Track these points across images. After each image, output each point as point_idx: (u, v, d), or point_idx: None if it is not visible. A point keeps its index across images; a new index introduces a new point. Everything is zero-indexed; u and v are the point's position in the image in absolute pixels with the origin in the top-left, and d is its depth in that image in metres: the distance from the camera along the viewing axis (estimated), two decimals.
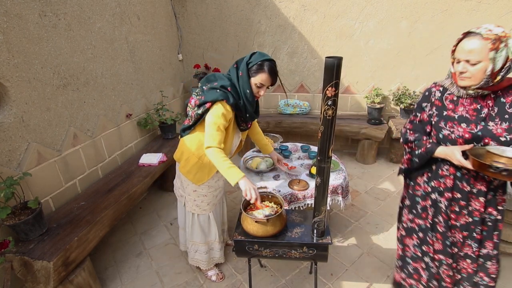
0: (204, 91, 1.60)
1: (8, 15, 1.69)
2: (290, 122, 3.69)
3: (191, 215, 1.85)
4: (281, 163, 2.12)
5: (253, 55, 1.57)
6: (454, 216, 1.40)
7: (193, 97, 1.66)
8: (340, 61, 1.13)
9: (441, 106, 1.38)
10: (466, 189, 1.33)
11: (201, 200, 1.79)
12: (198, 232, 1.88)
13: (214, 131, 1.52)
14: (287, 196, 1.93)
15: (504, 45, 1.15)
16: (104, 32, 2.47)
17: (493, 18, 3.01)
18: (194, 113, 1.63)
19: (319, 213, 1.48)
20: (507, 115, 1.23)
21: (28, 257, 1.57)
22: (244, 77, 1.56)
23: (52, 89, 2.00)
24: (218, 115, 1.52)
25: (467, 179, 1.32)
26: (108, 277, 2.11)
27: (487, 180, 1.30)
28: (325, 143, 1.31)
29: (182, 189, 1.86)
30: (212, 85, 1.58)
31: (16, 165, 1.79)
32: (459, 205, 1.37)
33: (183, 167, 1.72)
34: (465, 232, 1.39)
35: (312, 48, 3.61)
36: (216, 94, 1.54)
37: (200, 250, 1.94)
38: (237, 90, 1.60)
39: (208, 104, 1.55)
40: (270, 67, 1.54)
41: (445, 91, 1.38)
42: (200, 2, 3.69)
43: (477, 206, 1.34)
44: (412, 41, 3.30)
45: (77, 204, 2.06)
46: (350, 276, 2.02)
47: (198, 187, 1.75)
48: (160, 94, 3.36)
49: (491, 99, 1.27)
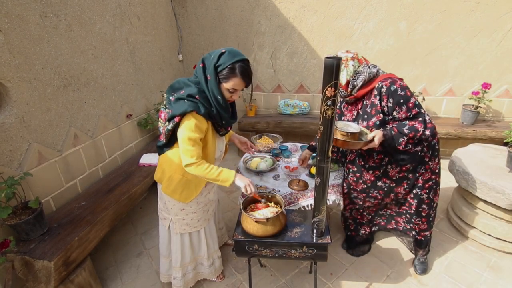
0: (171, 103, 1.41)
1: (9, 16, 1.70)
2: (290, 122, 3.70)
3: (180, 237, 1.69)
4: (247, 145, 1.90)
5: (221, 56, 1.34)
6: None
7: (162, 111, 1.48)
8: (339, 62, 1.14)
9: (340, 113, 1.93)
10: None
11: (191, 218, 1.65)
12: (189, 253, 1.75)
13: (189, 146, 1.39)
14: (286, 196, 1.93)
15: (344, 66, 1.66)
16: (104, 33, 2.48)
17: (492, 18, 3.02)
18: (165, 129, 1.45)
19: (319, 213, 1.48)
20: (366, 115, 1.73)
21: (29, 257, 1.57)
22: (212, 82, 1.36)
23: (52, 89, 2.01)
24: (190, 129, 1.37)
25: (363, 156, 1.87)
26: (109, 276, 2.12)
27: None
28: (325, 143, 1.32)
29: (166, 211, 1.68)
30: (179, 95, 1.39)
31: (17, 165, 1.80)
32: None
33: (167, 187, 1.56)
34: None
35: (312, 48, 3.62)
36: (184, 105, 1.35)
37: (188, 270, 1.82)
38: (206, 97, 1.41)
39: (177, 118, 1.37)
40: (243, 70, 1.35)
41: (343, 101, 1.91)
42: (200, 2, 3.70)
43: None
44: (411, 42, 3.31)
45: (78, 204, 2.07)
46: (350, 275, 2.03)
47: (186, 205, 1.61)
48: (160, 95, 3.37)
49: (360, 103, 1.77)
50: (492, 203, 2.03)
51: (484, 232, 2.19)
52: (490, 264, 2.08)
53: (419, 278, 1.98)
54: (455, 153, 2.47)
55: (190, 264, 1.80)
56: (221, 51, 1.35)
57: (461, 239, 2.32)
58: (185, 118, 1.38)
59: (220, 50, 1.36)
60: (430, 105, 3.57)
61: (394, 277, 2.00)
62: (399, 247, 2.26)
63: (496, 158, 2.31)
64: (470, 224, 2.28)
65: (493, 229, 2.13)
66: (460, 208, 2.37)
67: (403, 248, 2.24)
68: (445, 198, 2.87)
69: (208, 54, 1.41)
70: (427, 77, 3.43)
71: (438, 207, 2.73)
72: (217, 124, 1.51)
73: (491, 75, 3.26)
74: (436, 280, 1.96)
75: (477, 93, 3.19)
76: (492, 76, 3.26)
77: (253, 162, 2.24)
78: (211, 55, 1.39)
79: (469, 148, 2.54)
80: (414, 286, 1.93)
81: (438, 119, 3.54)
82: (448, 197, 2.88)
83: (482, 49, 3.18)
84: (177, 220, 1.65)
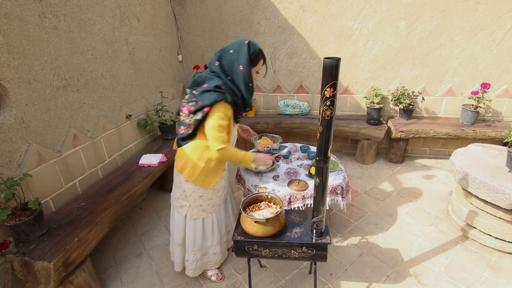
0: (196, 96, 1.58)
1: (9, 17, 1.70)
2: (290, 122, 3.70)
3: (193, 223, 1.82)
4: (249, 132, 2.16)
5: (249, 47, 1.57)
6: None
7: (184, 105, 1.64)
8: (338, 62, 1.14)
9: None
10: None
11: (207, 204, 1.80)
12: (200, 238, 1.86)
13: (219, 133, 1.56)
14: (286, 197, 1.93)
15: None
16: (104, 34, 2.48)
17: (492, 18, 3.02)
18: (192, 120, 1.60)
19: (318, 213, 1.48)
20: None
21: (29, 258, 1.57)
22: (246, 70, 1.57)
23: (52, 90, 2.01)
24: (220, 117, 1.55)
25: None
26: (108, 277, 2.12)
27: None
28: (324, 143, 1.32)
29: (184, 199, 1.79)
30: (203, 88, 1.57)
31: (17, 166, 1.80)
32: None
33: (191, 175, 1.69)
34: None
35: (311, 48, 3.62)
36: (213, 96, 1.53)
37: (199, 257, 1.92)
38: (230, 87, 1.59)
39: (207, 108, 1.54)
40: (263, 51, 1.67)
41: None
42: (199, 3, 3.70)
43: None
44: (411, 42, 3.31)
45: (77, 205, 2.07)
46: (350, 276, 2.03)
47: (205, 191, 1.75)
48: (160, 95, 3.36)
49: None
50: (492, 203, 2.03)
51: (484, 232, 2.19)
52: (490, 264, 2.08)
53: (419, 278, 1.98)
54: (455, 153, 2.47)
55: (201, 250, 1.90)
56: (243, 43, 1.57)
57: (461, 239, 2.32)
58: (215, 107, 1.54)
59: (239, 43, 1.58)
60: (429, 105, 3.57)
61: (394, 277, 2.00)
62: (399, 247, 2.26)
63: (496, 158, 2.31)
64: (470, 224, 2.28)
65: (493, 229, 2.13)
66: (460, 208, 2.37)
67: (403, 248, 2.24)
68: (445, 198, 2.87)
69: (224, 52, 1.59)
70: (426, 77, 3.43)
71: (438, 207, 2.74)
72: (237, 111, 1.69)
73: (490, 75, 3.26)
74: (436, 280, 1.96)
75: (477, 93, 3.19)
76: (491, 76, 3.26)
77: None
78: (230, 50, 1.58)
79: (469, 148, 2.54)
80: (414, 286, 1.93)
81: (438, 119, 3.55)
82: (448, 197, 2.88)
83: (482, 49, 3.18)
84: (195, 206, 1.78)
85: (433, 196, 2.93)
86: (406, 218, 2.61)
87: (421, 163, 3.62)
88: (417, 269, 2.06)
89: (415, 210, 2.71)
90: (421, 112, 3.63)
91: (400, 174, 3.38)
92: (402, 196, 2.95)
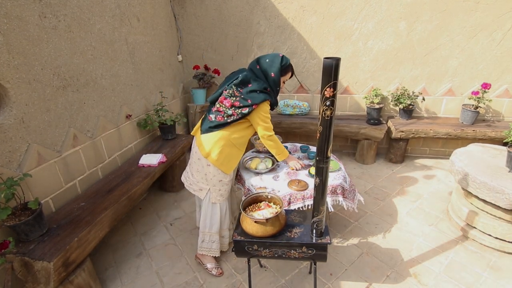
0: (243, 94, 1.83)
1: (9, 17, 1.70)
2: (290, 122, 3.70)
3: (212, 207, 2.00)
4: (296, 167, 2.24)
5: (283, 59, 1.87)
6: None
7: (227, 98, 1.87)
8: (338, 62, 1.14)
9: None
10: None
11: (225, 189, 2.00)
12: (218, 222, 2.03)
13: (267, 124, 1.92)
14: (286, 197, 1.93)
15: None
16: (104, 34, 2.48)
17: (492, 18, 3.02)
18: (237, 113, 1.83)
19: (318, 213, 1.48)
20: None
21: (29, 258, 1.57)
22: (277, 78, 1.88)
23: (52, 90, 2.01)
24: (266, 111, 1.89)
25: None
26: (108, 277, 2.12)
27: None
28: (324, 143, 1.32)
29: (205, 182, 1.97)
30: (250, 89, 1.83)
31: (17, 166, 1.80)
32: None
33: (217, 160, 1.89)
34: None
35: (311, 48, 3.62)
36: (262, 96, 1.83)
37: (215, 240, 2.06)
38: (273, 89, 1.90)
39: (256, 106, 1.82)
40: (292, 66, 1.97)
41: None
42: (199, 3, 3.70)
43: None
44: (411, 42, 3.31)
45: (77, 205, 2.07)
46: (350, 276, 2.03)
47: (224, 176, 1.95)
48: (159, 95, 3.36)
49: None
50: (492, 203, 2.03)
51: (484, 232, 2.19)
52: (490, 264, 2.08)
53: (419, 278, 1.98)
54: (455, 153, 2.47)
55: (218, 233, 2.06)
56: (278, 56, 1.88)
57: (461, 239, 2.32)
58: (262, 104, 1.85)
59: (275, 55, 1.89)
60: (429, 105, 3.57)
61: (394, 277, 2.00)
62: (399, 247, 2.26)
63: (496, 158, 2.31)
64: (470, 224, 2.28)
65: (493, 229, 2.13)
66: (460, 208, 2.37)
67: (403, 248, 2.24)
68: (445, 198, 2.87)
69: (261, 59, 1.89)
70: (426, 77, 3.43)
71: (438, 207, 2.74)
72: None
73: (490, 75, 3.26)
74: (436, 280, 1.96)
75: (477, 93, 3.19)
76: (491, 76, 3.26)
77: (253, 162, 2.24)
78: (266, 59, 1.88)
79: (468, 148, 2.54)
80: (414, 286, 1.93)
81: (438, 119, 3.55)
82: (448, 197, 2.88)
83: (482, 49, 3.18)
84: (214, 190, 1.97)
85: (433, 196, 2.93)
86: (406, 218, 2.61)
87: (421, 163, 3.62)
88: (417, 269, 2.06)
89: (415, 210, 2.71)
90: (421, 112, 3.63)
91: (400, 174, 3.38)
92: (402, 196, 2.95)
